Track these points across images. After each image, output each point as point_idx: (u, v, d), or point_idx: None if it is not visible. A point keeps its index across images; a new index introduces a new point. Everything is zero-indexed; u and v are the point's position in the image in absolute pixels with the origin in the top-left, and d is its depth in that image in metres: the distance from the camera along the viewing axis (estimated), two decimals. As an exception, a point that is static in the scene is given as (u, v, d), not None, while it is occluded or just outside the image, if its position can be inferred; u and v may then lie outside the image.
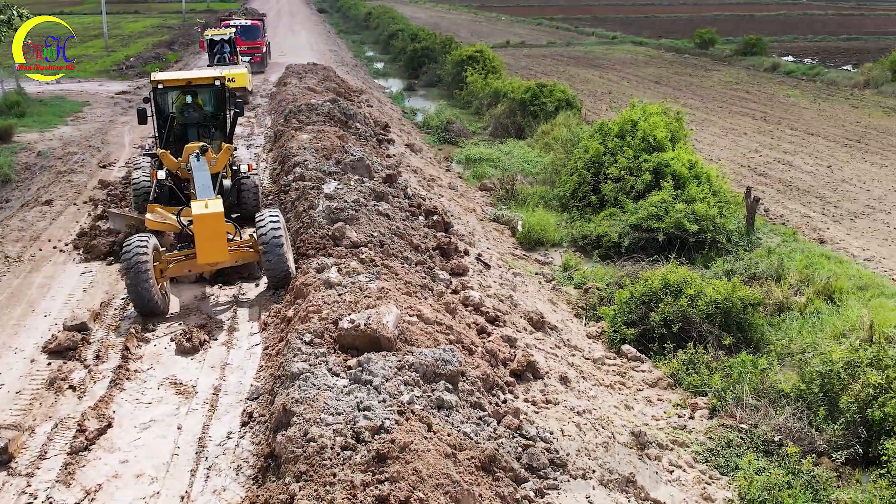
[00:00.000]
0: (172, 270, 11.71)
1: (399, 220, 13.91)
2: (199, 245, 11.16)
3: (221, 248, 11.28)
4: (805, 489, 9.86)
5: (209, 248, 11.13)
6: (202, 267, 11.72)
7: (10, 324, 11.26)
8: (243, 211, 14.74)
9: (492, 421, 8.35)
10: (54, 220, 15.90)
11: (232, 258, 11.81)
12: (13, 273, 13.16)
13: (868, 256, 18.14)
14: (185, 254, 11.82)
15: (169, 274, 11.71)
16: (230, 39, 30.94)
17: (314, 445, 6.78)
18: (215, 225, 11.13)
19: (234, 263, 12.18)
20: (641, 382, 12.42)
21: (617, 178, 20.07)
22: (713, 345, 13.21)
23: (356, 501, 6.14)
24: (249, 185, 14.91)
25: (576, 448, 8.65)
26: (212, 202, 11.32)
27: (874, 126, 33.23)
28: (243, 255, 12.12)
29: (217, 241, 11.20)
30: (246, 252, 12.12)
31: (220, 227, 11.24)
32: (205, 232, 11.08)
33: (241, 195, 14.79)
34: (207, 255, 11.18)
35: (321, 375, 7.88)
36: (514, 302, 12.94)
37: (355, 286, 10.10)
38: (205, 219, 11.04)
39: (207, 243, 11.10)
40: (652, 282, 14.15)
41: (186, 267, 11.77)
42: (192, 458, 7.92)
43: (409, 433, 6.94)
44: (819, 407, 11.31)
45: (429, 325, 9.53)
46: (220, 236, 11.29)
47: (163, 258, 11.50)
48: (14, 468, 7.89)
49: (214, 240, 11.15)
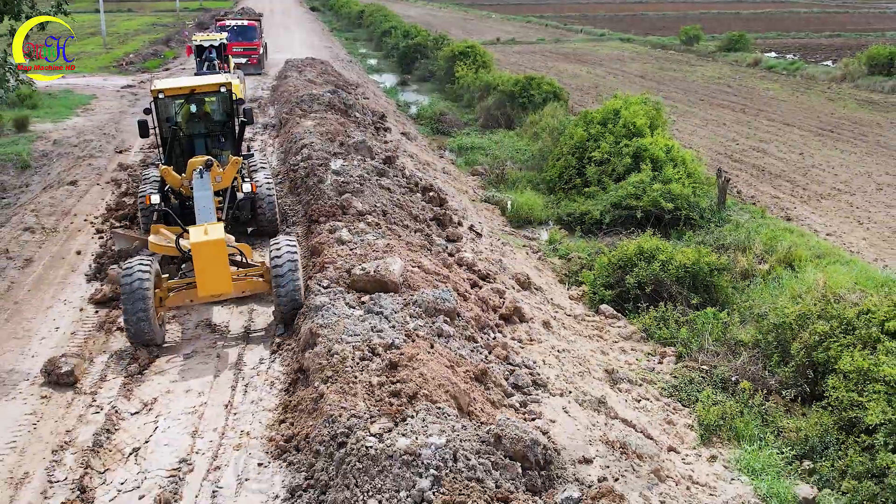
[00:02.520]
0: (173, 300, 10.64)
1: (399, 193, 15.38)
2: (198, 275, 10.00)
3: (224, 278, 10.08)
4: (755, 417, 11.42)
5: (210, 278, 9.97)
6: (203, 298, 10.46)
7: (55, 282, 12.70)
8: (260, 226, 13.98)
9: (483, 351, 9.84)
10: (81, 198, 17.28)
11: (238, 288, 10.76)
12: (51, 242, 14.55)
13: (830, 231, 19.72)
14: (188, 282, 10.70)
15: (169, 304, 10.66)
16: (220, 45, 29.08)
17: (337, 357, 8.25)
18: (216, 253, 9.97)
19: (241, 294, 11.14)
20: (617, 335, 13.92)
21: (600, 162, 21.59)
22: (682, 304, 14.74)
23: (374, 395, 7.61)
24: (265, 198, 13.80)
25: (555, 374, 10.15)
26: (212, 228, 10.27)
27: (847, 117, 34.86)
28: (251, 285, 10.98)
29: (219, 271, 10.00)
30: (254, 282, 10.97)
31: (222, 255, 10.03)
32: (205, 261, 9.93)
33: (256, 209, 13.84)
34: (208, 286, 10.02)
35: (340, 307, 9.37)
36: (503, 266, 14.43)
37: (364, 243, 11.57)
38: (204, 247, 9.91)
39: (208, 273, 9.95)
40: (628, 249, 15.68)
41: (187, 297, 10.64)
42: (231, 378, 9.40)
43: (416, 349, 8.42)
44: (773, 354, 12.85)
45: (429, 275, 11.00)
46: (222, 265, 10.04)
47: (163, 286, 10.61)
48: (80, 388, 9.36)
49: (216, 269, 9.97)
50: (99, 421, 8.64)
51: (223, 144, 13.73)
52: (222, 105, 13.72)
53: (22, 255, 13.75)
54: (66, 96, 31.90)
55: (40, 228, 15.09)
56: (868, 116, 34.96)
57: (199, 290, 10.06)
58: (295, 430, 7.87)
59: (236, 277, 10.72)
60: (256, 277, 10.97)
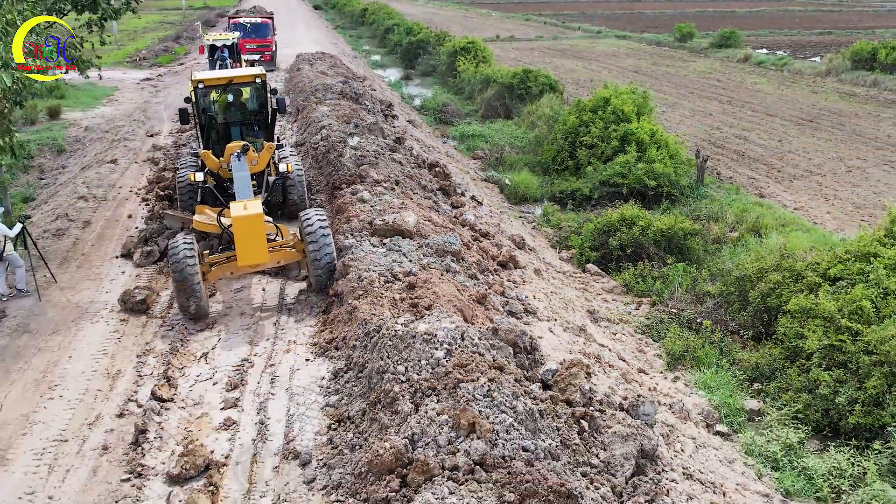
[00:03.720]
0: (214, 274, 11.57)
1: (409, 167, 17.37)
2: (238, 247, 10.87)
3: (261, 249, 10.95)
4: (715, 349, 13.42)
5: (249, 249, 10.84)
6: (243, 269, 11.47)
7: (114, 238, 14.71)
8: (289, 208, 14.77)
9: (483, 285, 11.83)
10: (123, 173, 19.28)
11: (273, 259, 11.63)
12: (104, 208, 16.55)
13: (797, 206, 21.72)
14: (227, 256, 11.62)
15: (212, 277, 11.57)
16: (232, 45, 29.84)
17: (366, 280, 10.27)
18: (255, 226, 10.81)
19: (276, 264, 12.06)
20: (600, 289, 15.94)
21: (590, 146, 23.58)
22: (659, 264, 16.74)
23: (397, 307, 9.62)
24: (295, 181, 14.73)
25: (543, 307, 12.16)
26: (251, 203, 11.11)
27: (828, 108, 36.85)
28: (285, 255, 11.94)
29: (257, 243, 10.87)
30: (288, 252, 11.94)
31: (259, 228, 10.87)
32: (244, 234, 10.79)
33: (286, 192, 14.72)
34: (248, 256, 10.90)
35: (366, 247, 11.40)
36: (500, 229, 16.44)
37: (382, 201, 13.57)
38: (244, 220, 10.75)
39: (247, 245, 10.81)
40: (612, 216, 17.71)
41: (228, 269, 11.58)
42: (275, 305, 11.41)
43: (429, 275, 10.43)
44: (734, 302, 14.85)
45: (437, 227, 13.01)
46: (260, 237, 10.93)
47: (205, 261, 11.47)
48: (151, 313, 11.38)
49: (254, 241, 10.84)
50: (171, 336, 10.66)
51: (256, 132, 14.51)
52: (257, 95, 14.50)
53: (80, 218, 15.75)
54: (91, 88, 33.86)
55: (92, 197, 17.07)
56: (847, 108, 36.95)
57: (239, 260, 11.02)
58: (334, 335, 9.88)
59: (271, 249, 11.54)
60: (289, 248, 11.95)
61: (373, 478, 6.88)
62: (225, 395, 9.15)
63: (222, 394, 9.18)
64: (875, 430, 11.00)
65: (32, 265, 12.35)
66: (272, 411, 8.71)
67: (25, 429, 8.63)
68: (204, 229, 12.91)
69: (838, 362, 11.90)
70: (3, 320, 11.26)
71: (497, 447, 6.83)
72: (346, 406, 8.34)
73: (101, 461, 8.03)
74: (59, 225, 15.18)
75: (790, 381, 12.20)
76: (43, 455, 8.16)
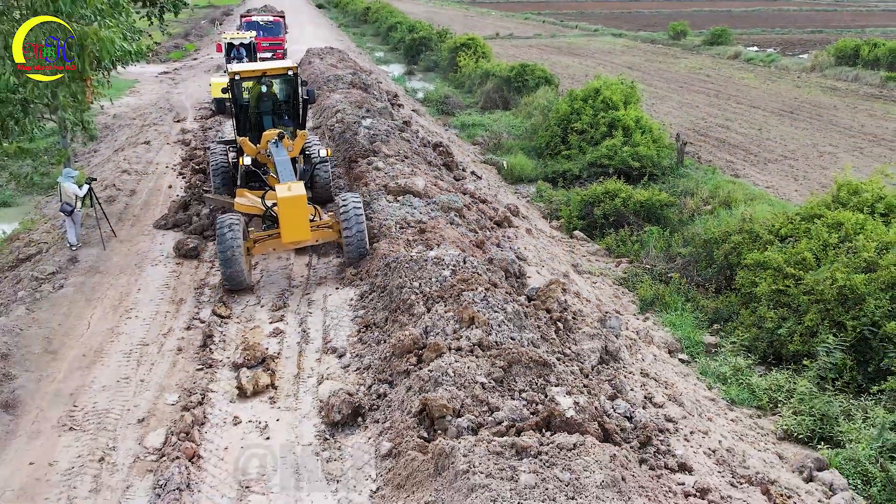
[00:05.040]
0: (258, 249, 12.47)
1: (416, 145, 19.48)
2: (283, 225, 11.70)
3: (304, 227, 11.79)
4: (681, 297, 15.53)
5: (293, 227, 11.67)
6: (286, 245, 12.34)
7: (159, 204, 16.83)
8: (316, 193, 15.34)
9: (482, 236, 13.94)
10: (158, 153, 21.41)
11: (313, 237, 12.38)
12: (146, 180, 18.68)
13: (769, 186, 23.84)
14: (270, 233, 12.56)
15: (255, 252, 12.52)
16: (250, 44, 30.15)
17: (384, 227, 12.41)
18: (299, 206, 11.62)
19: (315, 242, 12.84)
20: (585, 252, 18.05)
21: (581, 131, 25.71)
22: (637, 230, 18.86)
23: (411, 245, 11.73)
24: (324, 168, 15.55)
25: (532, 256, 14.28)
26: (294, 185, 11.89)
27: (809, 101, 38.98)
28: (323, 234, 12.75)
29: (300, 222, 11.70)
30: (325, 231, 12.75)
31: (303, 207, 11.71)
32: (289, 213, 11.59)
33: (314, 179, 15.33)
34: (291, 234, 11.73)
35: (382, 202, 13.54)
36: (497, 199, 18.54)
37: (395, 169, 15.70)
38: (289, 201, 11.55)
39: (291, 223, 11.64)
40: (596, 190, 19.83)
41: (271, 245, 12.50)
42: (307, 251, 13.53)
43: (436, 223, 12.55)
44: (702, 261, 16.96)
45: (442, 190, 15.13)
46: (304, 217, 11.76)
47: (250, 237, 12.38)
48: (202, 258, 13.53)
49: (298, 220, 11.66)
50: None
51: (286, 121, 15.21)
52: (288, 86, 15.16)
53: (126, 188, 17.88)
54: (112, 80, 35.96)
55: (134, 172, 19.21)
56: (827, 100, 39.09)
57: (283, 237, 11.85)
58: (358, 270, 12.00)
59: (312, 228, 12.31)
60: (327, 228, 12.86)
61: (395, 358, 9.01)
62: (271, 313, 11.29)
63: (269, 313, 11.32)
64: (810, 356, 13.11)
65: (98, 221, 14.45)
66: (311, 324, 10.84)
67: (112, 338, 10.75)
68: (246, 211, 13.67)
69: (783, 303, 14.02)
70: (77, 264, 13.38)
71: (491, 335, 8.96)
72: (372, 316, 10.47)
73: (177, 358, 10.16)
74: (109, 193, 17.31)
75: (742, 320, 14.33)
76: (130, 354, 10.28)
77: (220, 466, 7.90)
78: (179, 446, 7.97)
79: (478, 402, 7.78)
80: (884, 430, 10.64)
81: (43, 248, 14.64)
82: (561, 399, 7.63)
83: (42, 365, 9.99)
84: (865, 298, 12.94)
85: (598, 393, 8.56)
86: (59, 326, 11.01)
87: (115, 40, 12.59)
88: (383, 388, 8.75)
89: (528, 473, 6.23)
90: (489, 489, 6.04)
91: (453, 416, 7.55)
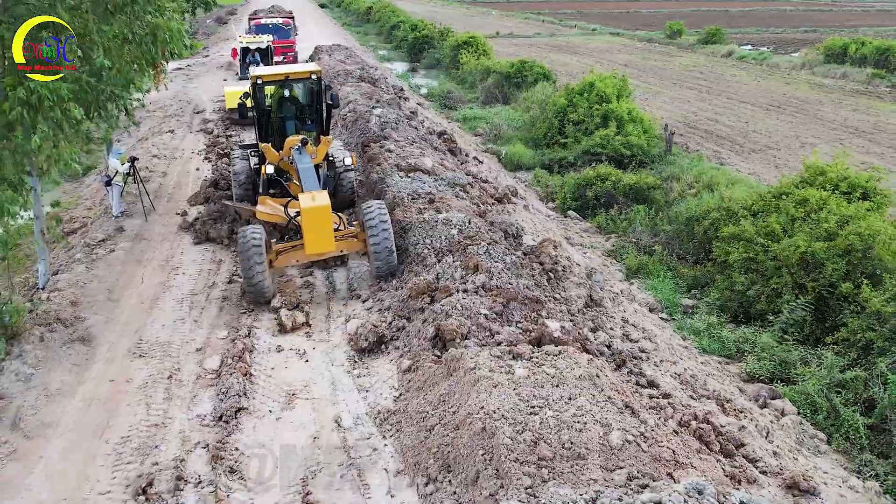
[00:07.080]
0: (281, 261, 12.07)
1: (422, 133, 21.17)
2: (307, 236, 11.39)
3: (328, 238, 11.45)
4: (663, 265, 17.20)
5: (317, 238, 11.35)
6: (309, 257, 11.91)
7: (189, 183, 18.51)
8: (339, 201, 14.88)
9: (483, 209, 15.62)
10: (182, 140, 23.10)
11: (337, 248, 12.02)
12: (174, 164, 20.38)
13: (750, 172, 25.51)
14: (293, 244, 12.19)
15: (278, 264, 12.10)
16: (267, 49, 29.72)
17: (398, 198, 14.08)
18: (323, 216, 11.30)
19: (340, 253, 12.50)
20: (578, 229, 19.72)
21: (576, 122, 27.40)
22: (626, 210, 20.53)
23: (422, 212, 13.41)
24: (348, 176, 15.29)
25: (529, 227, 15.94)
26: (319, 195, 11.55)
27: (797, 96, 40.67)
28: (348, 245, 12.37)
29: (324, 232, 11.37)
30: (351, 242, 12.36)
31: (327, 218, 11.37)
32: (313, 224, 11.27)
33: (338, 186, 15.02)
34: (315, 245, 11.43)
35: (395, 178, 15.20)
36: (497, 180, 20.23)
37: (405, 150, 17.38)
38: (313, 211, 11.24)
39: (315, 234, 11.32)
40: (589, 174, 21.51)
41: (294, 257, 12.09)
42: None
43: (444, 194, 14.22)
44: (684, 236, 18.63)
45: (448, 170, 16.81)
46: (328, 227, 11.41)
47: (272, 249, 11.99)
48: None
49: (322, 231, 11.34)
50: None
51: (309, 125, 14.74)
52: (311, 90, 14.70)
53: (158, 170, 19.58)
54: (129, 76, 37.67)
55: (163, 156, 20.89)
56: (814, 96, 40.78)
57: (307, 248, 11.51)
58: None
59: (336, 238, 11.91)
60: (352, 238, 12.43)
61: (411, 299, 10.70)
62: (301, 269, 12.96)
63: (298, 270, 12.99)
64: (775, 313, 14.77)
65: (140, 196, 16.11)
66: (336, 277, 12.52)
67: (165, 290, 12.44)
68: (268, 219, 13.44)
69: (752, 269, 15.69)
70: (123, 233, 15.05)
71: (493, 280, 10.65)
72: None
73: (223, 304, 11.86)
74: (143, 175, 18.95)
75: (717, 285, 16.01)
76: (182, 301, 11.97)
77: (269, 382, 9.59)
78: (235, 366, 9.65)
79: (482, 328, 9.46)
80: (832, 369, 12.32)
81: (86, 222, 16.33)
82: (550, 324, 9.32)
83: (107, 309, 11.67)
84: (825, 263, 14.62)
85: (583, 326, 10.24)
86: (117, 280, 12.71)
87: (183, 32, 13.70)
88: (402, 322, 10.44)
89: (522, 369, 7.91)
90: (491, 379, 7.72)
91: (461, 338, 9.23)
